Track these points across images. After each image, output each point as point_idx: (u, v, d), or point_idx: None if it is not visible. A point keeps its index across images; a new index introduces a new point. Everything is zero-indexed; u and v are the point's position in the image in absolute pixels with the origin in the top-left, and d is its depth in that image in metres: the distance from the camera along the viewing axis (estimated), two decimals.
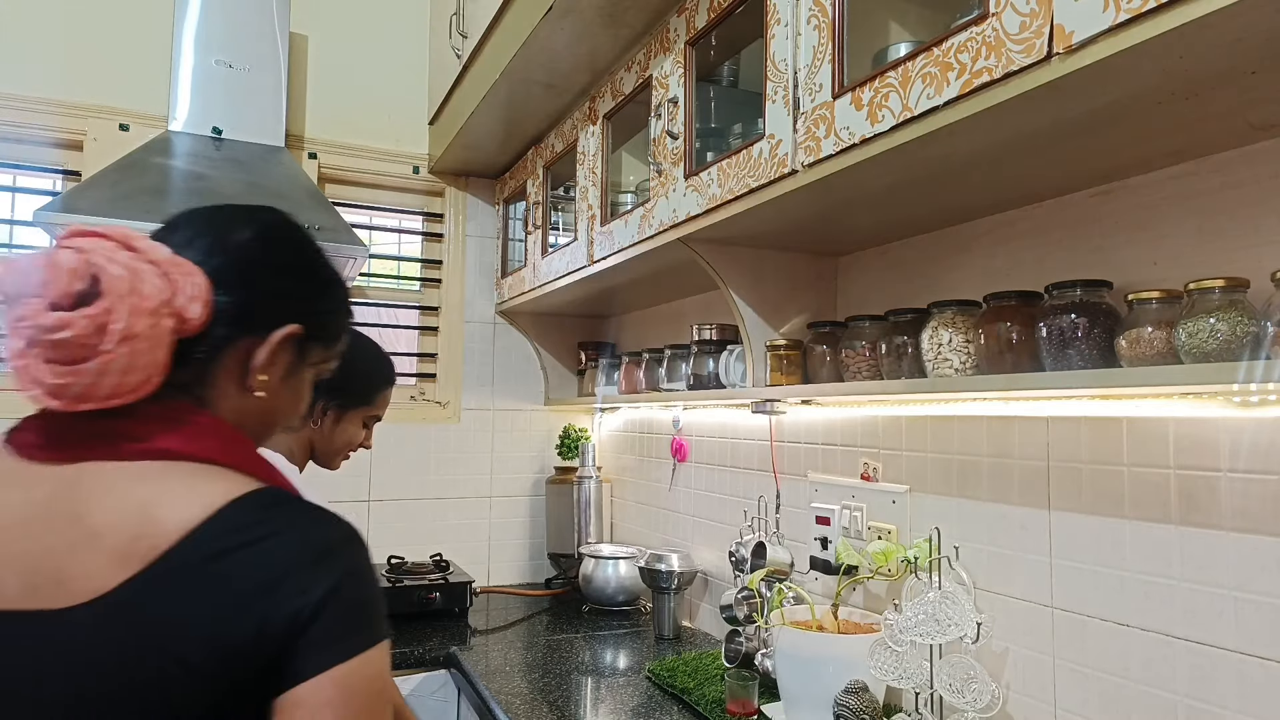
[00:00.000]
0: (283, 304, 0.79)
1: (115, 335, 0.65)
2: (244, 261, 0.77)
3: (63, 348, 0.65)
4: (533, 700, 1.63)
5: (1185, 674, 1.05)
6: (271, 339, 0.77)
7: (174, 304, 0.70)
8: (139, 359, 0.67)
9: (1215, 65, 0.81)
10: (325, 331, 0.84)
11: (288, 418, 0.84)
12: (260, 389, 0.77)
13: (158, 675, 0.61)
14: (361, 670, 0.65)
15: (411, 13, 2.69)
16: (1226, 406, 1.02)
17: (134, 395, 0.68)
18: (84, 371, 0.65)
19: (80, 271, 0.66)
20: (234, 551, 0.64)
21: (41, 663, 0.61)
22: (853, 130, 1.10)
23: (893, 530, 1.51)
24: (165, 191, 2.02)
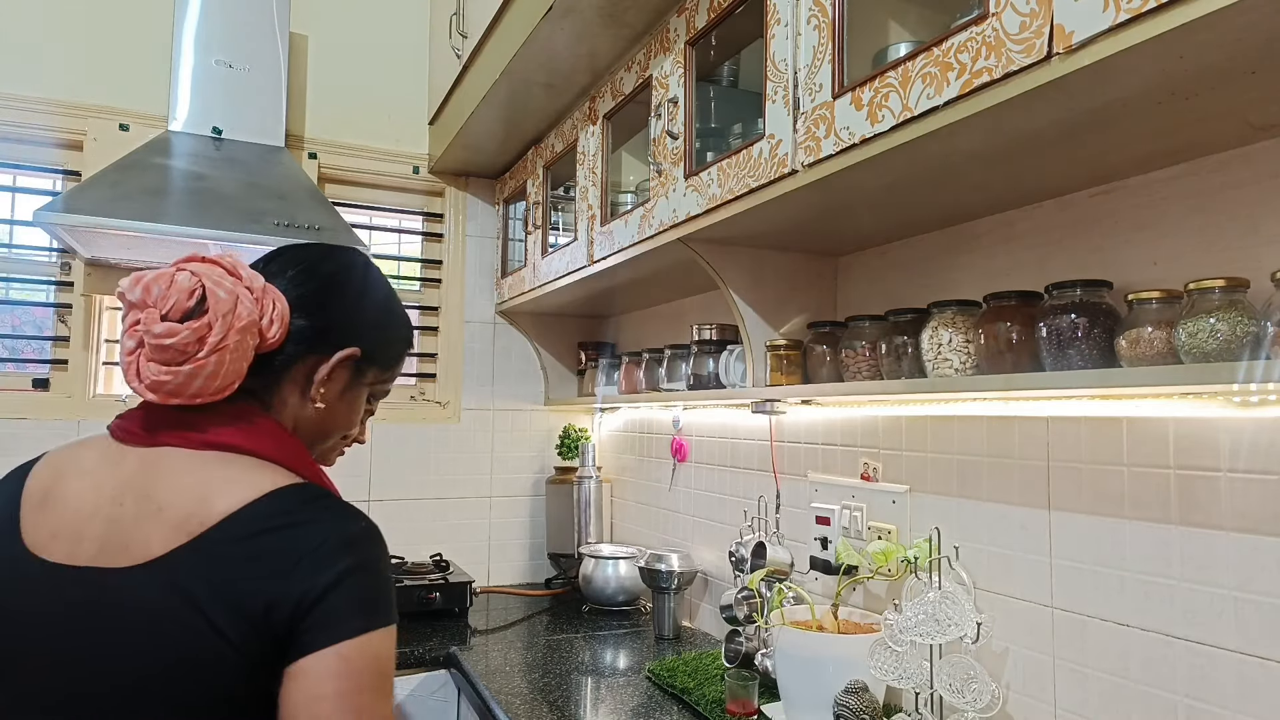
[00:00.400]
0: (346, 329, 0.92)
1: (210, 346, 0.79)
2: (320, 291, 0.91)
3: (166, 351, 0.78)
4: (533, 700, 1.63)
5: (1185, 674, 1.05)
6: (333, 358, 0.90)
7: (260, 324, 0.84)
8: (224, 367, 0.80)
9: (1215, 65, 0.81)
10: (382, 356, 0.97)
11: (341, 429, 0.97)
12: (319, 400, 0.90)
13: (189, 634, 0.71)
14: (364, 648, 0.73)
15: (411, 13, 2.69)
16: (1226, 406, 1.02)
17: (215, 397, 0.81)
18: (179, 372, 0.79)
19: (194, 292, 0.81)
20: (263, 534, 0.74)
21: (99, 613, 0.73)
22: (853, 130, 1.10)
23: (893, 530, 1.51)
24: (165, 191, 2.02)
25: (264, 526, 0.74)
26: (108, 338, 2.34)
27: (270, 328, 0.85)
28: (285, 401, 0.89)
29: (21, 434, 2.17)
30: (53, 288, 2.27)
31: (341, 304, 0.93)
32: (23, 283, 2.32)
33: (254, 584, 0.72)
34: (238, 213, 2.03)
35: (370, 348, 0.94)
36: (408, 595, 2.20)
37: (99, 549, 0.75)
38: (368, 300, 0.96)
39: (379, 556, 0.79)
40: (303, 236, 2.02)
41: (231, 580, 0.72)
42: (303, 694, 0.71)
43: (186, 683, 0.71)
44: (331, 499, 0.81)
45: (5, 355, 2.34)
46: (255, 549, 0.73)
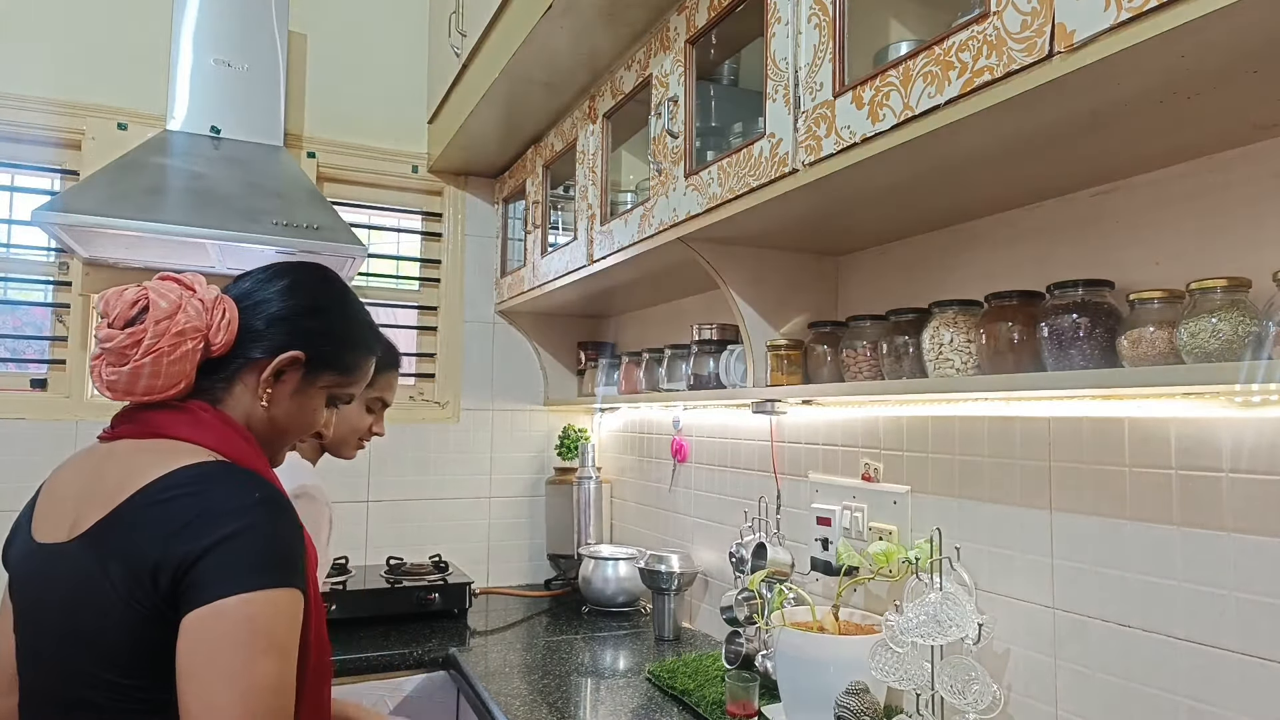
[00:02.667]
0: (293, 335, 0.99)
1: (144, 349, 0.90)
2: (268, 302, 1.00)
3: (110, 354, 0.91)
4: (532, 702, 1.63)
5: (1187, 675, 1.05)
6: (275, 361, 0.98)
7: (206, 331, 0.93)
8: (163, 368, 0.91)
9: (1216, 64, 0.80)
10: (335, 361, 1.04)
11: (300, 429, 1.04)
12: (265, 399, 0.98)
13: (102, 592, 0.82)
14: (240, 607, 0.79)
15: (410, 12, 2.68)
16: (1228, 407, 1.02)
17: (165, 394, 0.92)
18: (121, 372, 0.90)
19: (137, 302, 0.92)
20: (166, 502, 0.83)
21: (49, 580, 0.87)
22: (853, 129, 1.10)
23: (894, 531, 1.51)
24: (163, 191, 2.02)
25: (167, 495, 0.83)
26: None
27: (217, 334, 0.94)
28: (238, 400, 0.98)
29: (19, 434, 2.17)
30: (51, 287, 2.27)
31: (290, 310, 1.00)
32: (21, 282, 2.31)
33: (147, 545, 0.81)
34: (236, 212, 2.02)
35: (318, 353, 1.01)
36: (407, 596, 2.19)
37: (62, 528, 0.88)
38: (320, 307, 1.03)
39: (270, 522, 0.84)
40: (301, 236, 2.02)
41: (132, 542, 0.82)
42: (182, 647, 0.79)
43: (103, 635, 0.82)
44: (242, 474, 0.88)
45: (4, 355, 2.33)
46: (155, 514, 0.83)
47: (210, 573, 0.80)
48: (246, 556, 0.81)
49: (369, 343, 1.10)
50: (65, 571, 0.86)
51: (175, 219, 1.93)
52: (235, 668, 0.78)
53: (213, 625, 0.78)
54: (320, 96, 2.56)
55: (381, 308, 2.74)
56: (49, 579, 0.87)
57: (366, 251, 2.13)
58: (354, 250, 2.09)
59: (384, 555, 2.49)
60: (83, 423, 2.23)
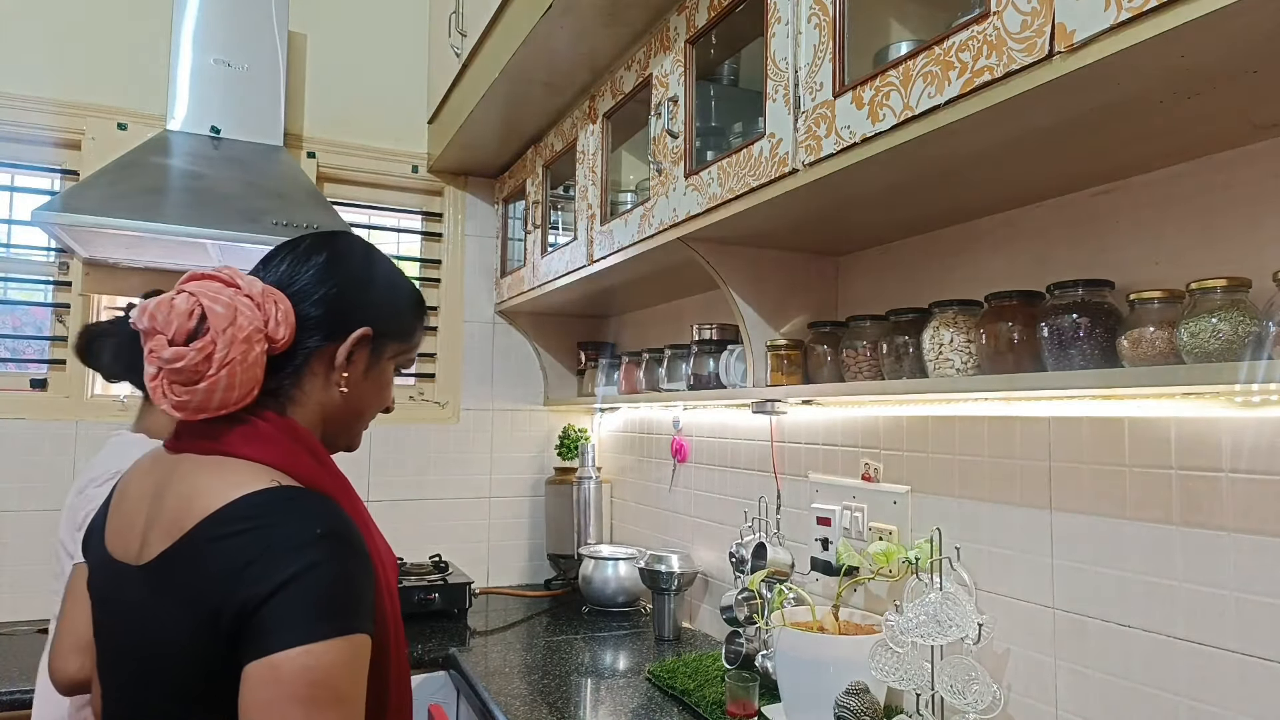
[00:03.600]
0: (353, 311, 0.92)
1: (217, 362, 0.82)
2: (318, 280, 0.91)
3: (179, 374, 0.81)
4: (532, 702, 1.63)
5: (1187, 675, 1.05)
6: (347, 341, 0.91)
7: (265, 329, 0.85)
8: (236, 378, 0.83)
9: (1217, 64, 0.80)
10: (397, 328, 0.97)
11: (375, 406, 0.99)
12: (343, 384, 0.92)
13: (169, 629, 0.78)
14: (297, 659, 0.72)
15: (411, 11, 2.68)
16: (1228, 406, 1.02)
17: (237, 406, 0.84)
18: (196, 390, 0.82)
19: (192, 312, 0.83)
20: (224, 539, 0.76)
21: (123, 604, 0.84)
22: (853, 129, 1.10)
23: (894, 531, 1.51)
24: (163, 191, 2.02)
25: (229, 530, 0.76)
26: None
27: (277, 330, 0.86)
28: (309, 394, 0.91)
29: (19, 434, 2.17)
30: (51, 287, 2.27)
31: (342, 287, 0.92)
32: (21, 282, 2.31)
33: (208, 587, 0.75)
34: (236, 212, 2.02)
35: (382, 323, 0.94)
36: (407, 596, 2.19)
37: (132, 548, 0.84)
38: (368, 277, 0.96)
39: (334, 560, 0.76)
40: None
41: (193, 582, 0.77)
42: (243, 698, 0.73)
43: (169, 673, 0.78)
44: (305, 503, 0.80)
45: (4, 355, 2.33)
46: (216, 552, 0.76)
47: (270, 621, 0.73)
48: (308, 603, 0.74)
49: (416, 300, 1.02)
50: (133, 598, 0.83)
51: (175, 219, 1.93)
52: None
53: (271, 678, 0.72)
54: (320, 96, 2.56)
55: None
56: (120, 601, 0.85)
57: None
58: None
59: None
60: (83, 423, 2.23)
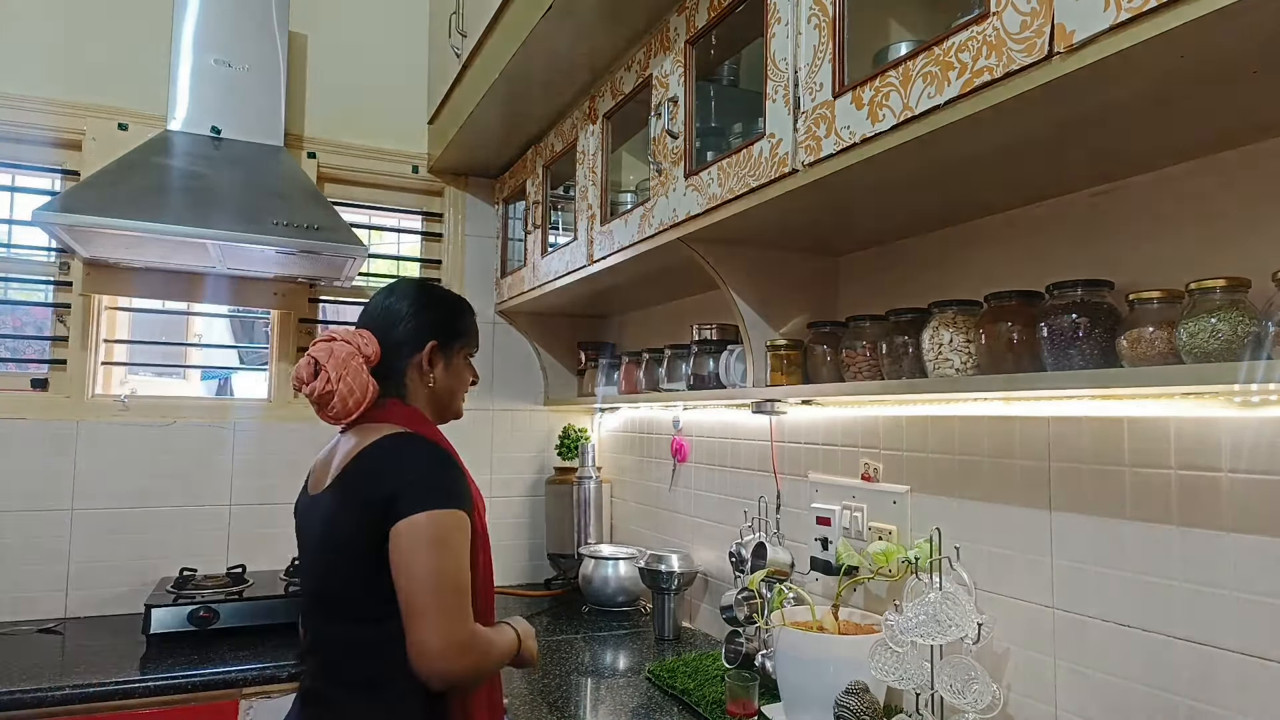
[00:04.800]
0: (422, 331, 1.38)
1: (333, 383, 1.28)
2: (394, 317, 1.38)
3: (320, 400, 1.29)
4: (532, 701, 1.63)
5: (1186, 675, 1.05)
6: (424, 351, 1.38)
7: (361, 353, 1.31)
8: (352, 390, 1.29)
9: (1217, 64, 0.80)
10: (456, 334, 1.43)
11: (461, 388, 1.46)
12: (431, 380, 1.39)
13: (344, 518, 1.23)
14: (430, 519, 1.18)
15: (411, 12, 2.69)
16: (1228, 406, 1.02)
17: (363, 405, 1.30)
18: (332, 407, 1.29)
19: (310, 364, 1.30)
20: (371, 460, 1.24)
21: (313, 517, 1.31)
22: (853, 129, 1.10)
23: (893, 531, 1.51)
24: (164, 191, 2.02)
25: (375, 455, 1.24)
26: (106, 338, 2.33)
27: (367, 348, 1.32)
28: (415, 389, 1.38)
29: (20, 434, 2.17)
30: (51, 288, 2.27)
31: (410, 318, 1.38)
32: (21, 282, 2.32)
33: (366, 488, 1.22)
34: (236, 212, 2.02)
35: (442, 335, 1.40)
36: None
37: (320, 485, 1.31)
38: (426, 304, 1.41)
39: (439, 467, 1.24)
40: (302, 236, 2.02)
41: (356, 488, 1.23)
42: (392, 550, 1.18)
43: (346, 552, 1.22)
44: (420, 439, 1.27)
45: (4, 355, 2.34)
46: (368, 467, 1.23)
47: (404, 499, 1.18)
48: (426, 488, 1.20)
49: (464, 307, 1.47)
50: (318, 511, 1.29)
51: (176, 219, 1.93)
52: (425, 558, 1.16)
53: (408, 531, 1.17)
54: (320, 96, 2.56)
55: None
56: (311, 517, 1.31)
57: (367, 251, 2.13)
58: (354, 250, 2.09)
59: None
60: (83, 423, 2.23)
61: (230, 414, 2.41)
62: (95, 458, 2.24)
